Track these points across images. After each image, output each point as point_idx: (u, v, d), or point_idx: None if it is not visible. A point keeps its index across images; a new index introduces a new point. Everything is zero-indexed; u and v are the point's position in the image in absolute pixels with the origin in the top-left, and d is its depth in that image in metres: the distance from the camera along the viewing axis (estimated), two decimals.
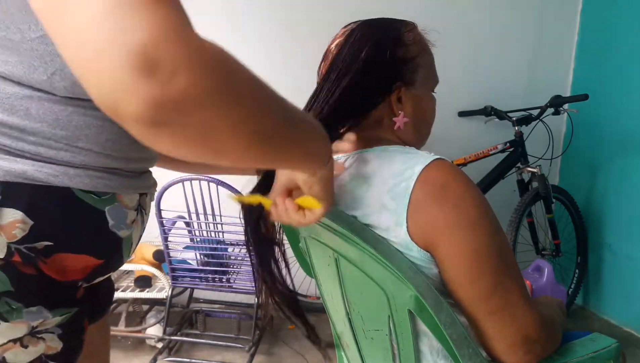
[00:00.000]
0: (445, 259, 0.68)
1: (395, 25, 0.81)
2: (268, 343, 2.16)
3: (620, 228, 2.44)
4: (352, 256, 0.76)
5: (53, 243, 0.53)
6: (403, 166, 0.69)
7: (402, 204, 0.67)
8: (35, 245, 0.52)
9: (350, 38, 0.78)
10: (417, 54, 0.80)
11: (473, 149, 2.36)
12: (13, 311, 0.52)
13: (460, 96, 2.55)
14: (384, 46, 0.77)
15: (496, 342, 0.69)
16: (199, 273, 1.93)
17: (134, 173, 0.62)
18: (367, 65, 0.75)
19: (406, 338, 0.74)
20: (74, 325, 0.59)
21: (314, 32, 2.33)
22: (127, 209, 0.61)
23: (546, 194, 2.29)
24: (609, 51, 2.48)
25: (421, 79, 0.82)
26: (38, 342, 0.55)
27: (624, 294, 2.43)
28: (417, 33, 0.82)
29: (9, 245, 0.50)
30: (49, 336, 0.56)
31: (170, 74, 0.34)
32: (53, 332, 0.56)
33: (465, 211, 0.66)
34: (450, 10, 2.50)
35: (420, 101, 0.82)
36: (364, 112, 0.76)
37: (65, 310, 0.57)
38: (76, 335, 0.60)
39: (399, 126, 0.79)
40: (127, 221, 0.60)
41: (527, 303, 0.69)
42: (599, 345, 0.82)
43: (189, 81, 0.35)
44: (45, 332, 0.55)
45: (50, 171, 0.52)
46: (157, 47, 0.33)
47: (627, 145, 2.38)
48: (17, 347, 0.54)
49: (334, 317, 0.92)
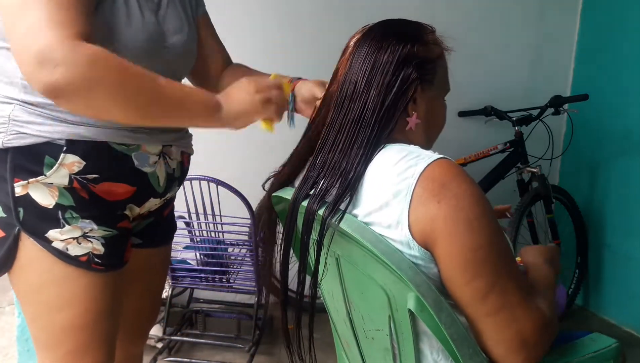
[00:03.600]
0: (442, 257, 0.68)
1: (416, 25, 0.81)
2: (268, 343, 2.15)
3: (620, 228, 2.44)
4: (353, 256, 0.76)
5: (99, 175, 0.81)
6: (406, 164, 0.69)
7: (404, 202, 0.67)
8: (87, 176, 0.80)
9: (370, 35, 0.79)
10: (437, 56, 0.81)
11: (473, 149, 2.36)
12: (73, 219, 0.81)
13: (460, 96, 2.54)
14: (407, 42, 0.77)
15: (495, 345, 0.69)
16: (199, 273, 1.93)
17: (155, 129, 0.86)
18: (390, 63, 0.75)
19: (407, 338, 0.74)
20: (115, 242, 0.86)
21: (314, 30, 2.33)
22: (149, 154, 0.87)
23: (546, 194, 2.29)
24: (609, 51, 2.48)
25: (437, 83, 0.82)
26: (88, 242, 0.83)
27: (624, 294, 2.42)
28: (436, 36, 0.82)
29: (70, 175, 0.79)
30: (95, 241, 0.83)
31: (53, 67, 0.62)
32: (98, 239, 0.84)
33: (463, 209, 0.66)
34: (450, 10, 2.50)
35: (433, 104, 0.82)
36: (398, 112, 0.76)
37: (106, 228, 0.84)
38: (115, 249, 0.86)
39: (411, 127, 0.79)
40: (149, 162, 0.87)
41: (526, 304, 0.69)
42: (599, 345, 0.82)
43: (63, 72, 0.62)
44: (92, 238, 0.83)
45: (94, 132, 0.79)
46: (49, 51, 0.62)
47: (627, 145, 2.38)
48: (75, 243, 0.81)
49: (334, 317, 0.92)
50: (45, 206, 0.79)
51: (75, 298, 0.83)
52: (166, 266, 1.14)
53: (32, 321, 0.85)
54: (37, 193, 0.79)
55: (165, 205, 1.03)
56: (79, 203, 0.81)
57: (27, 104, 0.77)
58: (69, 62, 0.63)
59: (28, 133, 0.77)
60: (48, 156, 0.78)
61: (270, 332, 2.24)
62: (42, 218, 0.80)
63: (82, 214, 0.82)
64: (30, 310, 0.85)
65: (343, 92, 0.79)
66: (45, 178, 0.78)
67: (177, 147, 0.93)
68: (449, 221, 0.66)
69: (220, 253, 1.94)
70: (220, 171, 1.88)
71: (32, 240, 0.80)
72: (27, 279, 0.82)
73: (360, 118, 0.75)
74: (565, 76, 2.73)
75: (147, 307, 1.10)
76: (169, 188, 0.95)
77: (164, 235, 1.08)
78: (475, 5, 2.54)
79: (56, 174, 0.78)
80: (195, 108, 0.80)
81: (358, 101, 0.76)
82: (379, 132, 0.75)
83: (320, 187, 0.75)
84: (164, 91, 0.75)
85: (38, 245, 0.80)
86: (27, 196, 0.79)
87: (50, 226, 0.80)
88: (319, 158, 0.79)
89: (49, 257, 0.80)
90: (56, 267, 0.81)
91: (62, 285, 0.82)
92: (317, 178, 0.77)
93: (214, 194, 1.86)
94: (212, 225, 1.95)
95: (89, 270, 0.83)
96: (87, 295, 0.83)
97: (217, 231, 1.99)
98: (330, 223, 0.71)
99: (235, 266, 2.00)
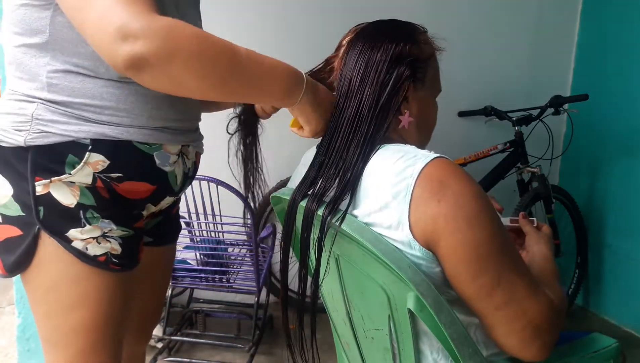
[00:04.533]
0: (446, 256, 0.68)
1: (408, 25, 0.82)
2: (268, 343, 2.16)
3: (620, 228, 2.44)
4: (353, 256, 0.76)
5: (122, 174, 0.81)
6: (404, 164, 0.69)
7: (404, 203, 0.67)
8: (110, 174, 0.80)
9: (363, 35, 0.79)
10: (429, 55, 0.81)
11: (473, 149, 2.36)
12: (94, 219, 0.81)
13: (460, 96, 2.54)
14: (399, 41, 0.78)
15: (508, 337, 0.69)
16: (199, 273, 1.93)
17: (176, 130, 0.88)
18: (383, 62, 0.76)
19: (406, 338, 0.74)
20: (131, 242, 0.87)
21: (310, 29, 2.33)
22: (169, 154, 0.87)
23: (546, 194, 2.29)
24: (609, 51, 2.48)
25: (429, 82, 0.82)
26: (107, 242, 0.83)
27: (624, 294, 2.43)
28: (428, 37, 0.83)
29: (94, 174, 0.79)
30: (113, 241, 0.84)
31: (134, 41, 0.61)
32: (116, 239, 0.84)
33: (463, 207, 0.66)
34: (450, 11, 2.50)
35: (425, 103, 0.83)
36: (392, 110, 0.77)
37: (124, 228, 0.85)
38: (131, 249, 0.87)
39: (404, 125, 0.80)
40: (170, 161, 0.88)
41: (533, 294, 0.69)
42: (599, 345, 0.82)
43: (144, 43, 0.62)
44: (111, 238, 0.83)
45: (118, 131, 0.80)
46: (128, 26, 0.61)
47: (627, 145, 2.38)
48: (95, 242, 0.81)
49: (334, 317, 0.92)
50: (67, 206, 0.79)
51: (89, 299, 0.83)
52: (171, 265, 1.16)
53: (44, 320, 0.85)
54: (58, 192, 0.79)
55: (174, 204, 1.05)
56: (100, 203, 0.82)
57: (50, 103, 0.77)
58: (148, 33, 0.62)
59: (52, 132, 0.77)
60: (71, 155, 0.78)
61: (270, 332, 2.24)
62: (63, 217, 0.80)
63: (102, 214, 0.82)
64: (43, 308, 0.85)
65: (338, 91, 0.80)
66: (70, 176, 0.78)
67: (193, 147, 0.95)
68: (450, 220, 0.66)
69: (220, 253, 1.94)
70: (220, 171, 1.87)
71: (52, 239, 0.80)
72: (43, 278, 0.82)
73: (356, 116, 0.76)
74: (565, 76, 2.73)
75: (152, 306, 1.12)
76: (184, 187, 0.97)
77: (171, 233, 1.10)
78: (475, 6, 2.54)
79: (80, 173, 0.78)
80: (273, 86, 0.76)
81: (353, 98, 0.77)
82: (375, 130, 0.75)
83: (319, 187, 0.76)
84: (245, 61, 0.71)
85: (58, 244, 0.80)
86: (48, 195, 0.79)
87: (71, 225, 0.80)
88: (316, 158, 0.79)
89: (68, 257, 0.80)
90: (73, 267, 0.81)
91: (78, 284, 0.82)
92: (316, 178, 0.78)
93: (214, 194, 1.86)
94: (212, 225, 1.95)
95: (106, 270, 0.83)
96: (101, 296, 0.84)
97: (217, 231, 1.99)
98: (331, 223, 0.71)
99: (235, 266, 2.01)
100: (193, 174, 0.99)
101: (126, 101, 0.80)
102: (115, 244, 0.84)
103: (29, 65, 0.77)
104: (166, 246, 1.08)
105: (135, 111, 0.81)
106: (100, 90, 0.78)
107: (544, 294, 0.71)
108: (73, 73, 0.77)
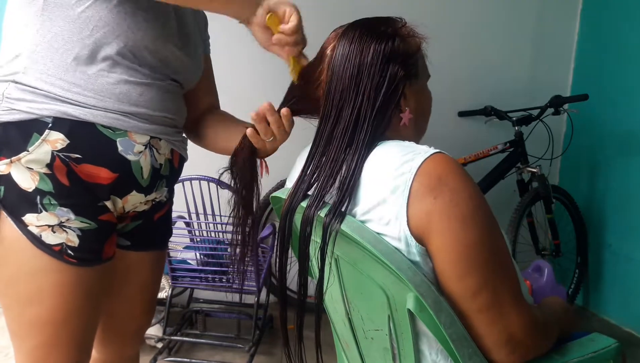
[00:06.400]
0: (436, 252, 0.68)
1: (387, 21, 0.80)
2: (268, 343, 2.16)
3: (620, 228, 2.44)
4: (352, 256, 0.76)
5: (81, 156, 0.80)
6: (403, 159, 0.69)
7: (402, 198, 0.67)
8: (70, 154, 0.80)
9: (346, 39, 0.77)
10: (416, 48, 0.80)
11: (473, 149, 2.36)
12: (50, 205, 0.80)
13: (460, 96, 2.54)
14: (387, 40, 0.76)
15: (483, 339, 0.70)
16: (199, 273, 1.93)
17: (145, 119, 0.86)
18: (375, 65, 0.75)
19: (406, 338, 0.74)
20: (92, 235, 0.84)
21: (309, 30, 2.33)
22: (135, 142, 0.85)
23: (546, 194, 2.29)
24: (609, 51, 2.48)
25: (420, 72, 0.81)
26: (63, 232, 0.81)
27: (624, 294, 2.42)
28: (409, 27, 0.81)
29: (53, 152, 0.79)
30: (71, 232, 0.82)
31: None
32: (74, 230, 0.82)
33: (458, 205, 0.66)
34: (450, 11, 2.50)
35: (420, 95, 0.82)
36: (390, 110, 0.76)
37: (84, 219, 0.83)
38: (91, 243, 0.84)
39: (405, 123, 0.79)
40: (134, 150, 0.85)
41: (517, 304, 0.69)
42: (599, 345, 0.82)
43: None
44: (68, 228, 0.82)
45: (81, 112, 0.80)
46: None
47: (627, 145, 2.38)
48: (50, 231, 0.80)
49: (333, 317, 0.92)
50: (25, 189, 0.79)
51: (45, 294, 0.82)
52: (160, 270, 1.11)
53: (5, 311, 0.85)
54: (18, 174, 0.79)
55: (155, 209, 1.00)
56: (58, 190, 0.80)
57: (22, 85, 0.78)
58: None
59: (17, 109, 0.78)
60: (36, 134, 0.78)
61: (270, 331, 2.24)
62: (21, 201, 0.80)
63: (60, 202, 0.81)
64: (4, 301, 0.85)
65: (329, 102, 0.77)
66: (28, 153, 0.78)
67: (166, 142, 0.91)
68: (444, 217, 0.66)
69: (220, 253, 1.94)
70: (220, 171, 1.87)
71: (9, 220, 0.80)
72: (4, 271, 0.83)
73: (353, 124, 0.75)
74: (565, 76, 2.73)
75: (139, 310, 1.08)
76: (154, 185, 0.92)
77: (156, 239, 1.05)
78: (475, 5, 2.54)
79: (38, 150, 0.78)
80: None
81: (347, 108, 0.75)
82: (373, 133, 0.74)
83: (318, 187, 0.75)
84: None
85: (14, 226, 0.80)
86: (9, 175, 0.79)
87: (27, 209, 0.80)
88: (312, 162, 0.78)
89: (23, 241, 0.80)
90: (31, 260, 0.81)
91: (34, 279, 0.82)
92: (313, 179, 0.77)
93: (214, 194, 1.86)
94: (212, 225, 1.96)
95: (60, 261, 0.82)
96: (58, 291, 0.83)
97: (217, 231, 1.99)
98: (333, 227, 0.70)
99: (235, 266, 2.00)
100: (170, 176, 0.96)
101: (95, 83, 0.80)
102: (72, 235, 0.82)
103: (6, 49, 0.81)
104: (151, 251, 1.04)
105: (102, 93, 0.81)
106: (72, 68, 0.79)
107: (527, 307, 0.71)
108: (53, 48, 0.79)
